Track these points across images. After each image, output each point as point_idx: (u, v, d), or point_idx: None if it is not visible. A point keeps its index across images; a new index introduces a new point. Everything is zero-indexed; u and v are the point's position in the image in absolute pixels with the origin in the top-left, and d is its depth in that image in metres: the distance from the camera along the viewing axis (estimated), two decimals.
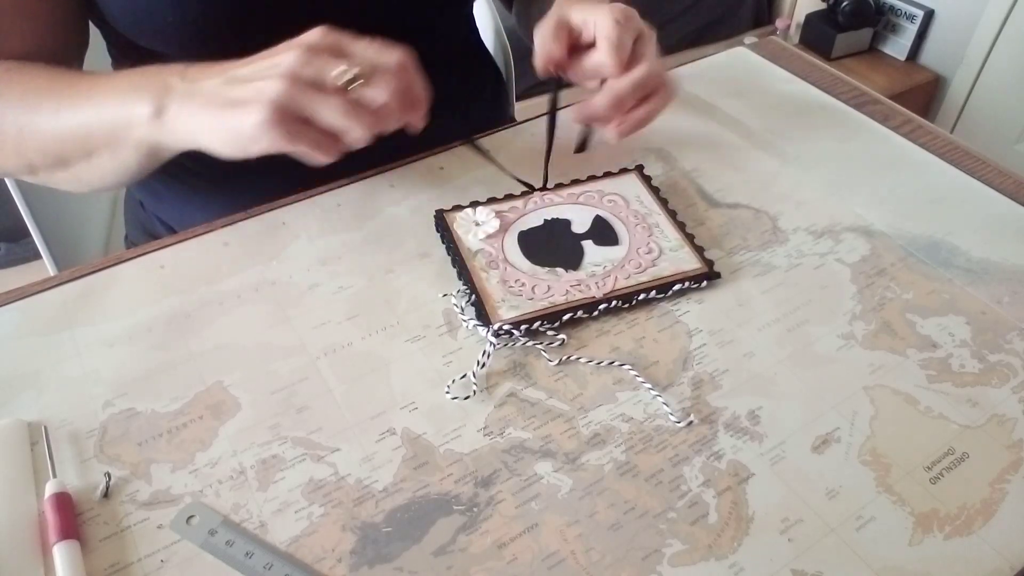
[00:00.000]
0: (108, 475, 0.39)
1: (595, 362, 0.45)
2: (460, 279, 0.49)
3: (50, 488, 0.38)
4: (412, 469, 0.40)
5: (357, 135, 0.44)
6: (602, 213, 0.54)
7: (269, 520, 0.38)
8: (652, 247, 0.51)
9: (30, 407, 0.43)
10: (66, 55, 0.56)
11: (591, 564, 0.36)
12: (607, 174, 0.57)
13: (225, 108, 0.43)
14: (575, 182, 0.56)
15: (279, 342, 0.46)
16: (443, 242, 0.51)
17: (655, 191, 0.56)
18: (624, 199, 0.55)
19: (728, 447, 0.41)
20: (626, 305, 0.48)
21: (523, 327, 0.46)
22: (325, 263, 0.51)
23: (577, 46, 0.53)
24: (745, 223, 0.54)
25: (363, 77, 0.43)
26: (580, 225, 0.53)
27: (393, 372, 0.44)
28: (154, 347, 0.46)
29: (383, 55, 0.44)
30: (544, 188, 0.55)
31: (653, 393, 0.43)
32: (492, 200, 0.54)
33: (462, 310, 0.47)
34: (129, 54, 0.60)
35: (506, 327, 0.45)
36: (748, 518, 0.38)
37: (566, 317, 0.47)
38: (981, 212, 0.55)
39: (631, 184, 0.56)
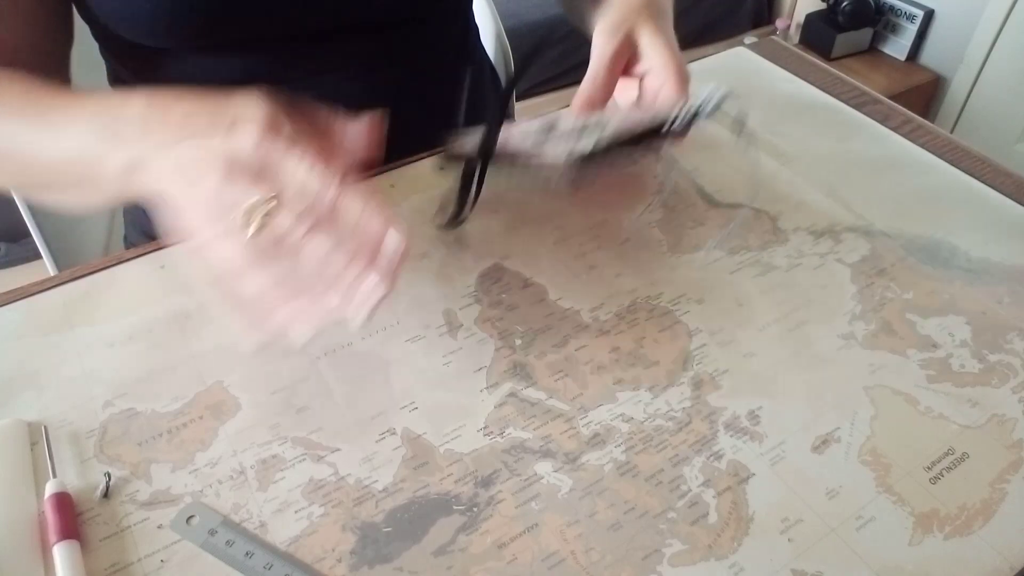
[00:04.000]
0: (108, 475, 0.39)
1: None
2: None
3: (50, 488, 0.38)
4: (412, 469, 0.40)
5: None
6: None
7: (269, 520, 0.38)
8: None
9: (30, 407, 0.43)
10: (54, 50, 0.55)
11: (591, 564, 0.36)
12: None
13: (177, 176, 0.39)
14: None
15: (279, 342, 0.46)
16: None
17: None
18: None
19: (728, 447, 0.41)
20: None
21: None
22: None
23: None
24: (745, 223, 0.54)
25: (272, 213, 0.35)
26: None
27: (393, 372, 0.44)
28: (154, 347, 0.46)
29: (311, 181, 0.35)
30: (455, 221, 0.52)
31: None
32: None
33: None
34: (115, 48, 0.59)
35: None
36: (748, 518, 0.38)
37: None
38: (981, 212, 0.55)
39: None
